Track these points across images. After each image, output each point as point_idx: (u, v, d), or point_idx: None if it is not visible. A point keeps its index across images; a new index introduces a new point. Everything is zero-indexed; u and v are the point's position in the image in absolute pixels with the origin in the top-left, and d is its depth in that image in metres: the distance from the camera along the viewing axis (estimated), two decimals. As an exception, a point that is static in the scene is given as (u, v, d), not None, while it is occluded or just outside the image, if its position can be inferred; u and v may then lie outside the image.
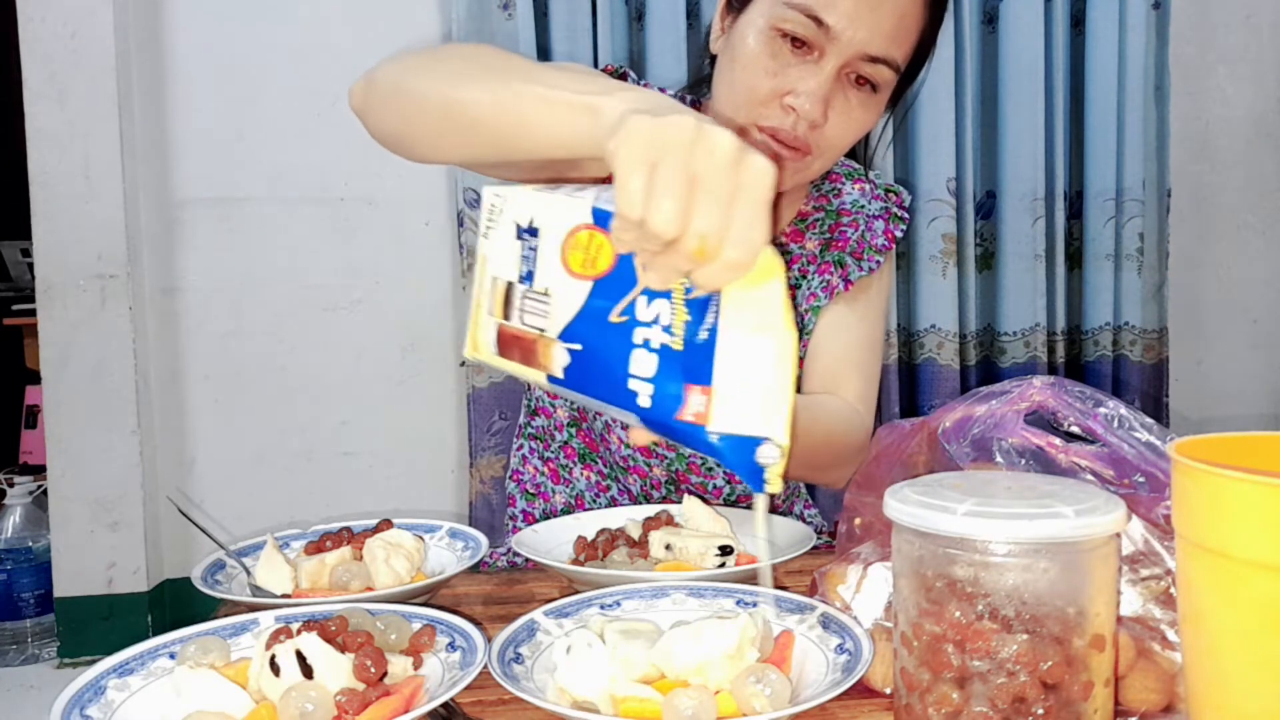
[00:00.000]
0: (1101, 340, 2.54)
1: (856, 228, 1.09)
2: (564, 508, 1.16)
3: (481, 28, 2.28)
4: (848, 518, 0.75)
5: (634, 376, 0.57)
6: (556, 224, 0.60)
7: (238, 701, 0.58)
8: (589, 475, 1.15)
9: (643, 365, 0.57)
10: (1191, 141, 2.68)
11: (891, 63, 0.89)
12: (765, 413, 0.55)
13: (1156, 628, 0.61)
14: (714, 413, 0.55)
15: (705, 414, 0.56)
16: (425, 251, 2.40)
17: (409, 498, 2.41)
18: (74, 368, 2.24)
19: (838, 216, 1.10)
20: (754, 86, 0.89)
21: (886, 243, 1.09)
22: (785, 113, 0.89)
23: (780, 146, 0.90)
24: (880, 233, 1.09)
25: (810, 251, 1.09)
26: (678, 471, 1.08)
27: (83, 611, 2.26)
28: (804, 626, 0.69)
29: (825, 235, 1.09)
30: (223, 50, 2.35)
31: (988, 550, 0.53)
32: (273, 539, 0.88)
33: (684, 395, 0.56)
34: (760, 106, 0.89)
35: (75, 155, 2.22)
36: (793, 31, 0.86)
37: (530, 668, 0.65)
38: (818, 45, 0.87)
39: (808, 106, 0.87)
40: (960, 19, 2.40)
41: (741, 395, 0.55)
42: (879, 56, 0.87)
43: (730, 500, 1.10)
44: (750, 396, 0.55)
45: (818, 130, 0.90)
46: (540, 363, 0.61)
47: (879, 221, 1.09)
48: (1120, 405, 0.67)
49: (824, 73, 0.87)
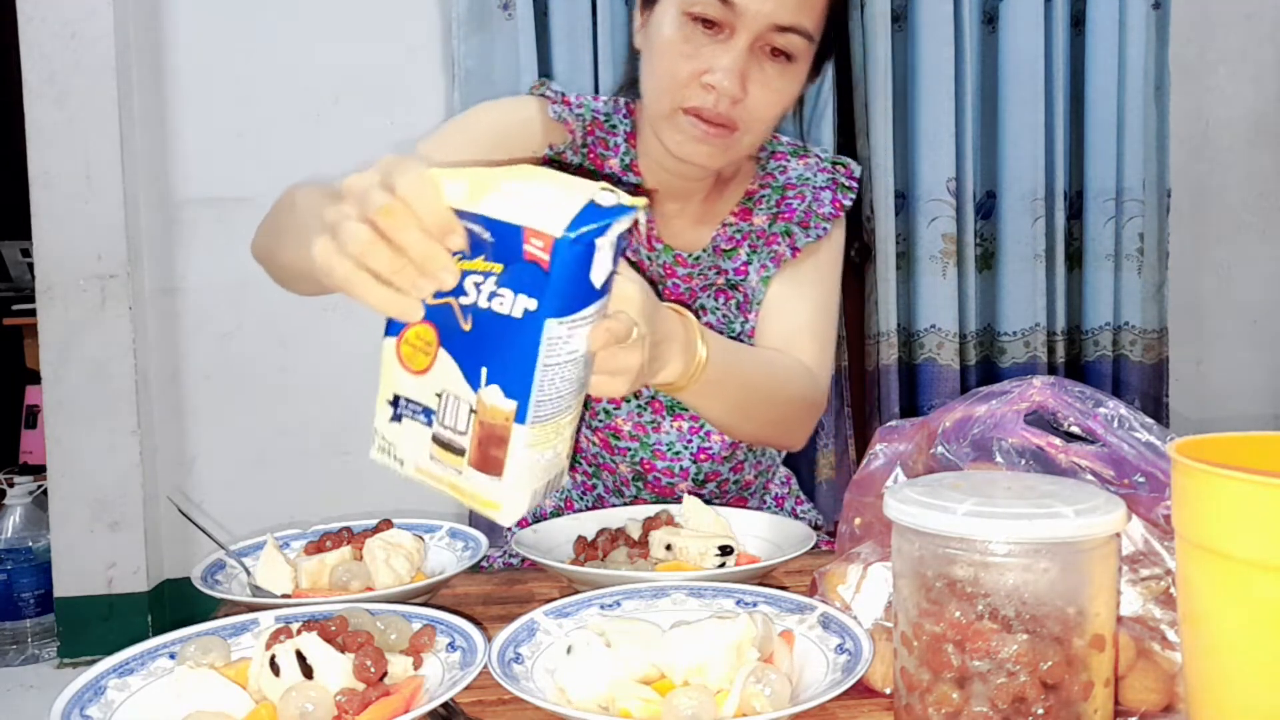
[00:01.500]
0: (1101, 340, 2.54)
1: (803, 199, 1.11)
2: (553, 510, 1.16)
3: (481, 28, 2.28)
4: (848, 518, 0.75)
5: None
6: (389, 362, 0.65)
7: (238, 701, 0.58)
8: (573, 475, 1.16)
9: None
10: (1191, 141, 2.68)
11: (801, 30, 0.92)
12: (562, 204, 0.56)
13: (1156, 628, 0.61)
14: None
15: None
16: (425, 251, 2.41)
17: (409, 498, 2.40)
18: (74, 368, 2.24)
19: (784, 191, 1.12)
20: (673, 71, 0.93)
21: (834, 210, 1.11)
22: (705, 91, 0.92)
23: (706, 125, 0.93)
24: (828, 202, 1.11)
25: (759, 227, 1.10)
26: (642, 460, 1.09)
27: (83, 611, 2.26)
28: (804, 626, 0.69)
29: (773, 210, 1.11)
30: (223, 50, 2.35)
31: (988, 550, 0.53)
32: (273, 539, 0.88)
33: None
34: (681, 89, 0.93)
35: (75, 155, 2.22)
36: (703, 13, 0.90)
37: (530, 668, 0.65)
38: (727, 23, 0.90)
39: (726, 83, 0.91)
40: (960, 19, 2.40)
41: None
42: (787, 26, 0.91)
43: (698, 480, 1.11)
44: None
45: (740, 105, 0.93)
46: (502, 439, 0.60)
47: (826, 192, 1.11)
48: (1120, 405, 0.67)
49: (737, 49, 0.91)
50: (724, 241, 1.10)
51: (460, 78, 2.28)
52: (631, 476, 1.11)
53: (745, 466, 1.14)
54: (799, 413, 1.02)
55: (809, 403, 1.02)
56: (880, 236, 2.42)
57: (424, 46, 2.40)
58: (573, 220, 0.54)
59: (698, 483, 1.11)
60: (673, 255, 1.08)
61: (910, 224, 2.48)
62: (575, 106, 1.07)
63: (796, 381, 1.01)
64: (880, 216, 2.42)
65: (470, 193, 0.57)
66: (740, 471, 1.14)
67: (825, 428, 2.43)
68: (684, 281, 1.09)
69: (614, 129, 1.08)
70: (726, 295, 1.09)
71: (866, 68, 2.41)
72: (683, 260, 1.09)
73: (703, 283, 1.09)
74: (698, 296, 1.09)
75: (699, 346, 0.78)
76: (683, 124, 0.94)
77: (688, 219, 1.10)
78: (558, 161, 1.04)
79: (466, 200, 0.57)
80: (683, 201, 1.09)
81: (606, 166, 1.07)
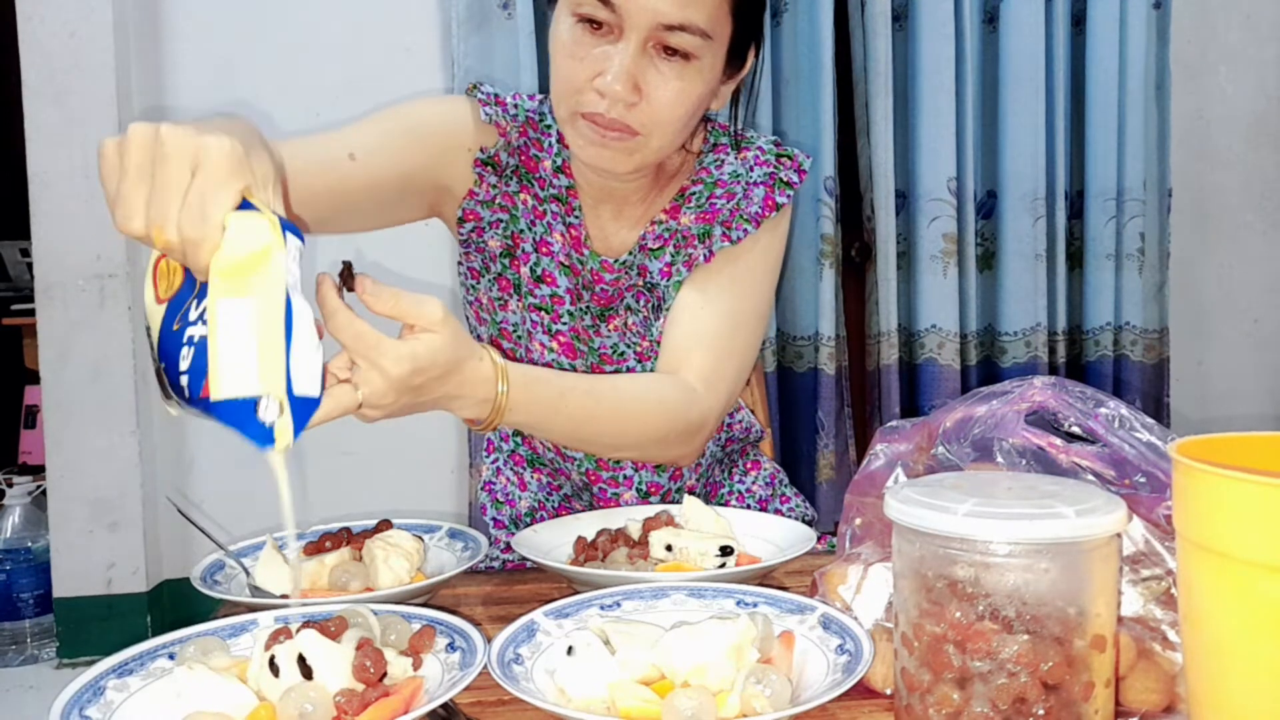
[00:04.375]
0: (1102, 340, 2.54)
1: (731, 198, 1.05)
2: (528, 511, 1.16)
3: (482, 28, 2.28)
4: (848, 518, 0.75)
5: (182, 372, 0.59)
6: (148, 263, 0.64)
7: (237, 702, 0.58)
8: (539, 478, 1.16)
9: (185, 359, 0.59)
10: (1192, 141, 2.68)
11: (692, 28, 0.88)
12: (263, 372, 0.57)
13: (1157, 628, 0.61)
14: (216, 383, 0.56)
15: (210, 385, 0.57)
16: (426, 251, 2.40)
17: (409, 498, 2.41)
18: (73, 368, 2.24)
19: (714, 188, 1.06)
20: (569, 75, 0.91)
21: (763, 210, 1.04)
22: (599, 96, 0.90)
23: (604, 130, 0.91)
24: (758, 200, 1.04)
25: (684, 226, 1.06)
26: (588, 471, 1.09)
27: (82, 612, 2.26)
28: (804, 627, 0.68)
29: (702, 208, 1.06)
30: (222, 49, 2.35)
31: (988, 550, 0.53)
32: (272, 539, 0.88)
33: (204, 374, 0.57)
34: (577, 94, 0.91)
35: (74, 155, 2.22)
36: (589, 15, 0.88)
37: (530, 668, 0.64)
38: (614, 25, 0.88)
39: (617, 87, 0.88)
40: (961, 19, 2.40)
41: (237, 360, 0.57)
42: (675, 24, 0.87)
43: (641, 491, 1.11)
44: (245, 359, 0.57)
45: (636, 108, 0.90)
46: (165, 391, 0.63)
47: (758, 189, 1.05)
48: (1121, 405, 0.67)
49: (625, 51, 0.88)
50: (651, 240, 1.05)
51: (460, 78, 2.28)
52: (581, 486, 1.11)
53: (684, 473, 1.14)
54: (673, 435, 0.96)
55: (682, 424, 0.96)
56: (881, 236, 2.42)
57: (424, 46, 2.40)
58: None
59: (641, 493, 1.11)
60: (599, 261, 1.06)
61: (911, 224, 2.48)
62: (510, 108, 1.04)
63: (657, 408, 0.95)
64: (881, 216, 2.42)
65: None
66: (679, 480, 1.13)
67: (825, 428, 2.42)
68: (611, 285, 1.06)
69: (548, 129, 1.06)
70: (645, 297, 1.06)
71: (867, 67, 2.41)
72: (609, 265, 1.06)
73: (628, 283, 1.06)
74: (624, 297, 1.06)
75: (497, 397, 0.79)
76: (582, 129, 0.92)
77: (625, 220, 1.07)
78: (490, 163, 1.03)
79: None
80: (618, 203, 1.06)
81: (540, 169, 1.05)
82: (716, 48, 0.92)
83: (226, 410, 0.57)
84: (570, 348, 1.06)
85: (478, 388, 0.77)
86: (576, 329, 1.06)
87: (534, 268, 1.05)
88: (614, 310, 1.07)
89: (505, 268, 1.06)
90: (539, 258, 1.05)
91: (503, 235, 1.05)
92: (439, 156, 1.01)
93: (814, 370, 2.43)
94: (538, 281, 1.05)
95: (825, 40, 2.35)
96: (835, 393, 2.41)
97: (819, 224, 2.37)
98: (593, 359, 1.07)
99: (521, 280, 1.05)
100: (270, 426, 0.57)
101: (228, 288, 0.57)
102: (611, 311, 1.07)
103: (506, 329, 1.07)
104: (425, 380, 0.72)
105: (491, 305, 1.08)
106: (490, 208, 1.05)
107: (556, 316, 1.05)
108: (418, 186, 1.00)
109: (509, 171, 1.05)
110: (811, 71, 2.37)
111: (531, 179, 1.05)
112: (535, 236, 1.05)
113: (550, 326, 1.05)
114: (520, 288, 1.06)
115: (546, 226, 1.05)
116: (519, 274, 1.05)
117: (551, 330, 1.05)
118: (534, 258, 1.05)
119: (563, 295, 1.05)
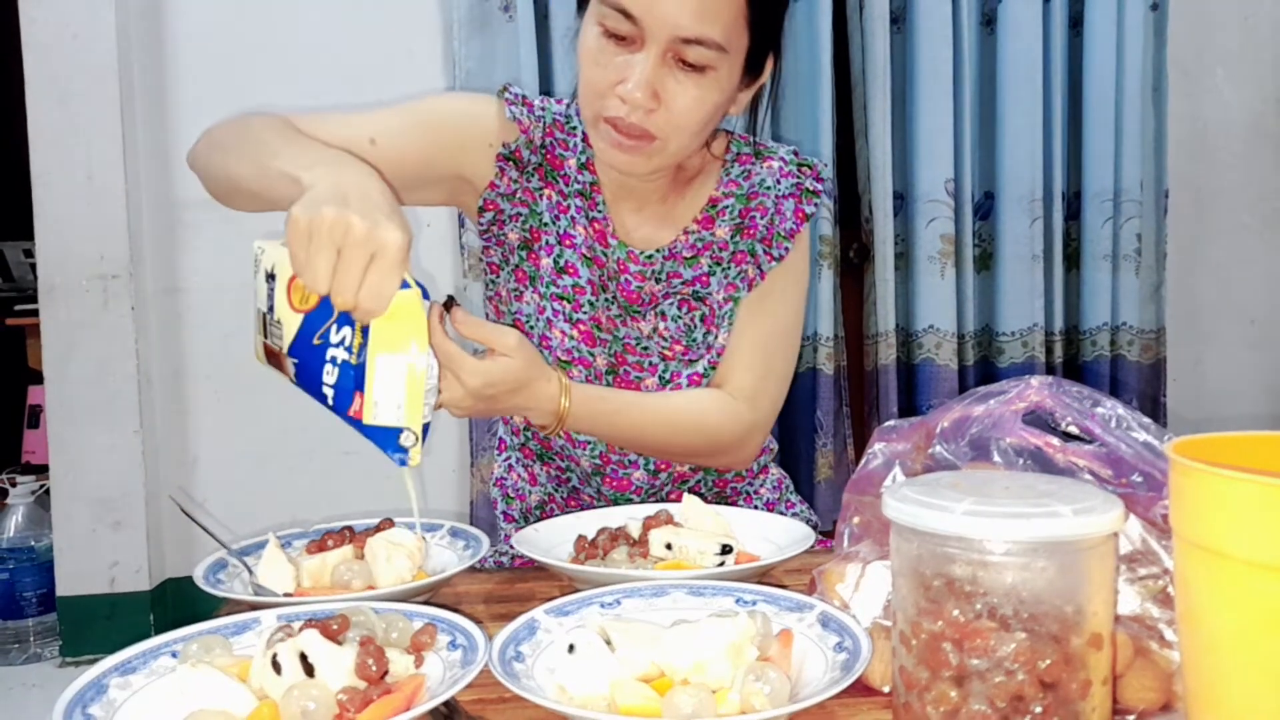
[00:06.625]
0: (1099, 340, 2.55)
1: (765, 212, 1.11)
2: (538, 504, 1.19)
3: (482, 29, 2.28)
4: (846, 517, 0.76)
5: (325, 384, 0.79)
6: (285, 272, 0.80)
7: (240, 700, 0.58)
8: (548, 471, 1.18)
9: (330, 375, 0.78)
10: (1189, 142, 2.68)
11: (708, 41, 0.93)
12: (403, 410, 0.77)
13: (1154, 627, 0.62)
14: (367, 410, 0.77)
15: (362, 411, 0.77)
16: (427, 252, 2.41)
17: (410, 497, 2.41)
18: (76, 368, 2.25)
19: (747, 201, 1.12)
20: (593, 81, 0.97)
21: (795, 224, 1.11)
22: (621, 102, 0.95)
23: (622, 135, 0.97)
24: (790, 214, 1.11)
25: (721, 238, 1.11)
26: (600, 454, 1.11)
27: (85, 610, 2.27)
28: (803, 625, 0.69)
29: (736, 220, 1.12)
30: (224, 50, 2.35)
31: (986, 549, 0.54)
32: (275, 538, 0.88)
33: (352, 397, 0.77)
34: (600, 99, 0.97)
35: (77, 155, 2.22)
36: (613, 28, 0.94)
37: (531, 666, 0.65)
38: (635, 37, 0.94)
39: (637, 94, 0.94)
40: (959, 20, 2.40)
41: (386, 398, 0.77)
42: (691, 38, 0.92)
43: (649, 470, 1.13)
44: (392, 398, 0.77)
45: (655, 115, 0.96)
46: (285, 370, 0.83)
47: (788, 201, 1.11)
48: (1118, 405, 0.67)
49: (646, 60, 0.94)
50: (685, 249, 1.11)
51: (460, 79, 2.29)
52: (591, 471, 1.12)
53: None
54: (719, 445, 1.08)
55: (728, 437, 1.08)
56: (879, 237, 2.43)
57: (424, 48, 2.41)
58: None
59: (650, 472, 1.13)
60: (626, 251, 1.10)
61: (909, 225, 2.48)
62: (537, 109, 1.10)
63: (702, 423, 1.07)
64: (879, 217, 2.42)
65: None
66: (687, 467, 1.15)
67: (824, 427, 2.43)
68: (636, 279, 1.10)
69: (573, 130, 1.11)
70: (690, 306, 1.11)
71: (865, 69, 2.41)
72: (635, 257, 1.10)
73: (665, 289, 1.10)
74: (659, 302, 1.11)
75: (560, 409, 0.97)
76: (604, 131, 0.98)
77: (647, 220, 1.12)
78: (512, 157, 1.07)
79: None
80: (639, 202, 1.11)
81: (565, 166, 1.10)
82: (733, 59, 0.97)
83: (372, 431, 0.77)
84: (590, 336, 1.09)
85: (544, 401, 0.95)
86: (598, 319, 1.09)
87: (557, 259, 1.09)
88: (639, 311, 1.11)
89: (523, 259, 1.10)
90: (562, 249, 1.09)
91: (521, 228, 1.10)
92: (459, 148, 1.07)
93: (813, 370, 2.44)
94: (560, 272, 1.09)
95: (824, 42, 2.36)
96: (834, 392, 2.42)
97: (817, 225, 2.38)
98: (616, 348, 1.10)
99: (539, 272, 1.09)
100: (407, 449, 0.77)
101: (385, 343, 0.76)
102: (637, 312, 1.10)
103: (521, 319, 1.10)
104: (497, 393, 0.89)
105: (509, 297, 1.12)
106: (511, 200, 1.09)
107: (578, 306, 1.09)
108: (436, 176, 1.06)
109: (531, 168, 1.09)
110: (810, 73, 2.38)
111: (556, 176, 1.10)
112: (559, 230, 1.09)
113: (571, 315, 1.09)
114: (536, 279, 1.10)
115: (570, 220, 1.09)
116: (536, 266, 1.09)
117: (572, 319, 1.09)
118: (557, 249, 1.09)
119: (584, 286, 1.09)
